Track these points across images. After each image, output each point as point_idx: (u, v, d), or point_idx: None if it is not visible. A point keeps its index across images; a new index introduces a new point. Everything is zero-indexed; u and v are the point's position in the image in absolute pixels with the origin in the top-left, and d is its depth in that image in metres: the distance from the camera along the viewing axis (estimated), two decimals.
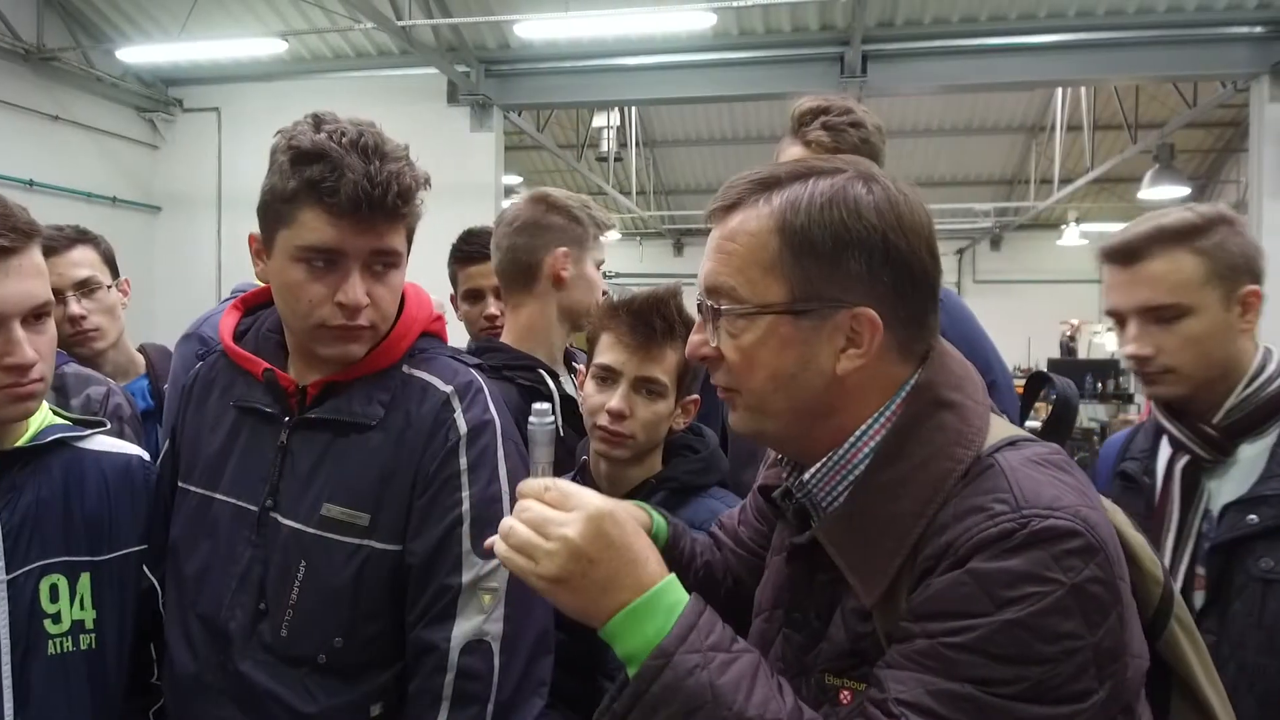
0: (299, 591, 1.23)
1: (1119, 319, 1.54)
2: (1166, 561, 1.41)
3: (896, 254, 0.88)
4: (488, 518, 1.23)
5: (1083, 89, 10.60)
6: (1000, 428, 0.92)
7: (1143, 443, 1.64)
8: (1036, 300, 17.04)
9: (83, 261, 2.14)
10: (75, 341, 2.13)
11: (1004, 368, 1.82)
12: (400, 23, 6.79)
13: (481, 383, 1.32)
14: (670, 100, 8.90)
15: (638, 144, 13.15)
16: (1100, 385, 11.47)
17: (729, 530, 1.30)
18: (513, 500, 1.28)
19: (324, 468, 1.26)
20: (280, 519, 1.26)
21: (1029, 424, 1.17)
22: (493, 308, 2.30)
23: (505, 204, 8.44)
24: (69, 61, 8.04)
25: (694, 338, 0.96)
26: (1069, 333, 14.96)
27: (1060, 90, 11.12)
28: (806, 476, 0.95)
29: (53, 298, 1.23)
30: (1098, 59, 7.20)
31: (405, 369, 1.31)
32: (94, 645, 1.26)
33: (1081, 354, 14.32)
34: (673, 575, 0.88)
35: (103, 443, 1.34)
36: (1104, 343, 14.37)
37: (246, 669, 1.23)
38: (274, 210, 1.22)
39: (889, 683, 0.81)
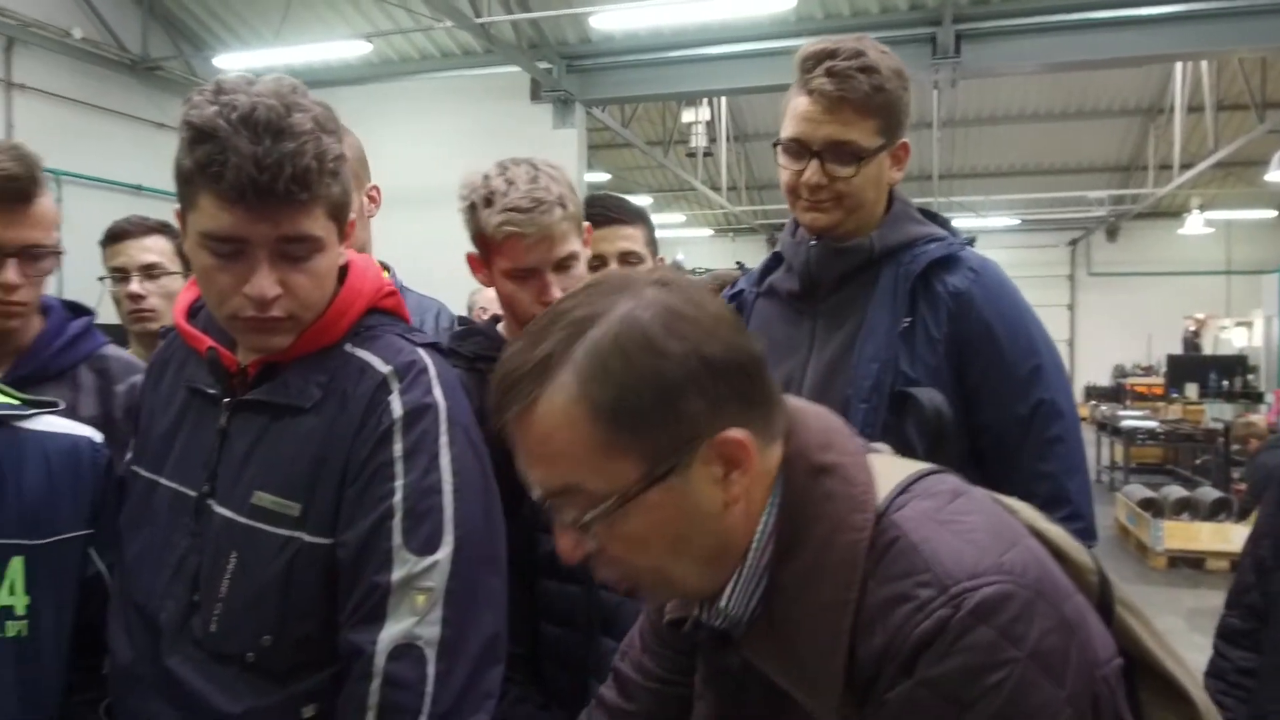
0: (228, 585, 1.15)
1: None
2: None
3: (718, 361, 0.78)
4: (423, 510, 1.12)
5: (1203, 65, 9.88)
6: (883, 471, 0.84)
7: None
8: (1157, 293, 16.08)
9: (153, 248, 2.31)
10: (133, 319, 2.29)
11: (1051, 348, 1.56)
12: (479, 19, 6.82)
13: (428, 363, 1.21)
14: (754, 89, 8.68)
15: (728, 138, 12.96)
16: (1227, 383, 10.81)
17: (633, 663, 1.09)
18: (455, 491, 1.18)
19: (258, 453, 1.18)
20: (215, 507, 1.18)
21: None
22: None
23: None
24: (172, 70, 8.42)
25: (563, 544, 0.83)
26: (1193, 328, 14.11)
27: (1179, 68, 10.41)
28: (723, 603, 0.84)
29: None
30: (1216, 30, 6.67)
31: (347, 347, 1.22)
32: (24, 633, 1.20)
33: (1206, 350, 13.42)
34: None
35: (50, 423, 1.29)
36: (1230, 338, 13.44)
37: (174, 664, 1.16)
38: (180, 190, 1.13)
39: None
